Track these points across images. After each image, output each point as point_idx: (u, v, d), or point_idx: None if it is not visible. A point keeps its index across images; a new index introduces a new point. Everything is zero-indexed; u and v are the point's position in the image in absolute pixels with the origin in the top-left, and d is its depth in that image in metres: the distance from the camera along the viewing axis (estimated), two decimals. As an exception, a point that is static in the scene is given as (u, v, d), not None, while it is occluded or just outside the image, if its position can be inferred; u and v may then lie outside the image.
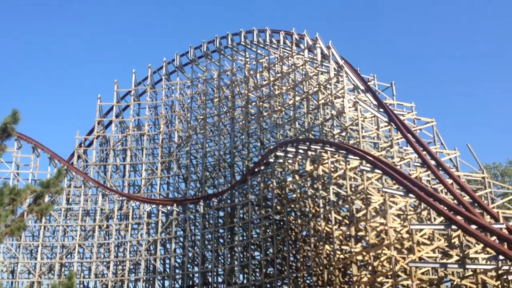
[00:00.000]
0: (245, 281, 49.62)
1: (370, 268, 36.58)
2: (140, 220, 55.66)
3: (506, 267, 30.63)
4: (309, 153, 44.13)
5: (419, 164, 42.01)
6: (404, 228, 36.14)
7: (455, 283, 36.20)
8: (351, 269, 38.04)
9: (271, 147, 53.19)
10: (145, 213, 54.78)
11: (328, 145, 42.76)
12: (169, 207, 54.17)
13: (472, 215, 34.69)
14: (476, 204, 39.18)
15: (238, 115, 59.72)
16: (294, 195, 46.95)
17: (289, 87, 54.00)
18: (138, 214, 56.15)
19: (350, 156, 39.99)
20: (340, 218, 42.37)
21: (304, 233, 45.75)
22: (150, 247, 55.15)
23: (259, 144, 56.12)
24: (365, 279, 36.63)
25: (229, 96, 61.04)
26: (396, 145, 44.60)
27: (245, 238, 50.13)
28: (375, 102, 46.24)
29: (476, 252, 34.95)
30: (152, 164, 61.45)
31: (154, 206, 55.54)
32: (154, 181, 61.06)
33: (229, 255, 51.54)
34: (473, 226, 33.22)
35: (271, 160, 48.20)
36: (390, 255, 34.15)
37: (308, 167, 44.25)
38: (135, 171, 62.59)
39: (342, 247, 40.12)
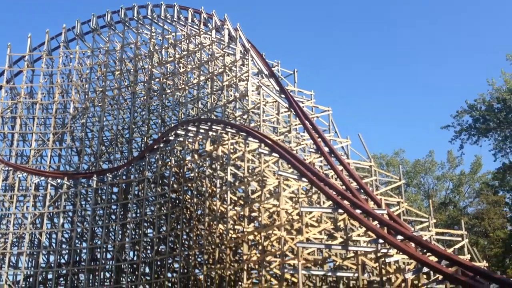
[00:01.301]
0: (135, 258, 48.91)
1: (260, 247, 37.59)
2: (27, 192, 52.80)
3: (385, 250, 32.88)
4: (210, 133, 44.23)
5: (313, 150, 43.67)
6: (295, 210, 37.49)
7: (337, 263, 38.24)
8: (242, 248, 38.85)
9: (172, 125, 52.62)
10: (33, 185, 51.99)
11: (229, 127, 43.12)
12: (59, 180, 51.84)
13: (357, 201, 36.76)
14: (362, 191, 41.60)
15: (140, 90, 58.33)
16: (192, 174, 46.90)
17: (194, 66, 53.57)
18: (25, 186, 53.17)
19: (250, 139, 40.65)
20: (236, 198, 43.03)
21: (199, 212, 45.92)
22: (36, 220, 52.50)
23: (159, 121, 55.27)
24: (254, 258, 37.64)
25: (132, 70, 59.37)
26: (294, 130, 46.00)
27: (138, 215, 49.33)
28: (277, 88, 47.29)
29: (358, 235, 37.09)
30: (44, 134, 58.36)
31: (43, 178, 52.83)
32: (44, 152, 58.03)
33: (120, 232, 50.50)
34: (358, 211, 35.25)
35: (171, 138, 47.72)
36: (280, 236, 35.28)
37: (208, 147, 44.35)
38: (24, 141, 59.12)
39: (235, 226, 40.84)
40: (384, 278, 33.31)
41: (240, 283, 38.66)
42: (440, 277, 30.39)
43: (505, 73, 50.84)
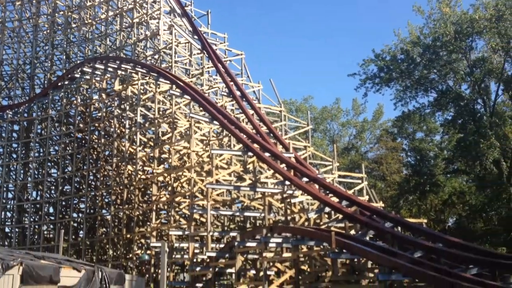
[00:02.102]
0: (38, 198, 47.32)
1: (169, 188, 37.79)
2: None
3: (290, 192, 34.28)
4: (119, 72, 42.77)
5: (225, 94, 43.79)
6: (206, 152, 37.83)
7: (245, 204, 39.43)
8: (151, 189, 38.83)
9: (78, 61, 50.15)
10: None
11: (139, 66, 41.90)
12: (-47, 116, 48.23)
13: (267, 144, 37.71)
14: (272, 135, 42.67)
15: (43, 23, 54.55)
16: (100, 114, 45.46)
17: (102, 0, 50.78)
18: None
19: (161, 80, 39.86)
20: (145, 140, 42.48)
21: (107, 153, 44.92)
22: None
23: (64, 57, 52.32)
24: (163, 199, 37.82)
25: (34, 1, 55.17)
26: (207, 73, 45.62)
27: (41, 154, 47.36)
28: (190, 29, 46.27)
29: (266, 177, 38.28)
30: None
31: None
32: None
33: (22, 171, 48.39)
34: (267, 154, 36.25)
35: (77, 75, 45.61)
36: (190, 177, 35.60)
37: (117, 86, 43.00)
38: None
39: (145, 168, 40.55)
40: (289, 218, 34.88)
41: (148, 223, 38.84)
42: (340, 216, 32.39)
43: (411, 25, 53.10)
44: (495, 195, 43.47)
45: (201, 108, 39.98)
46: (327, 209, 33.60)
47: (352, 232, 31.05)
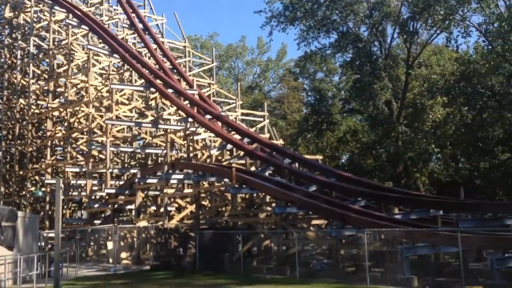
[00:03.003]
0: None
1: (66, 124, 36.33)
2: None
3: (193, 129, 34.36)
4: (8, -3, 39.45)
5: (127, 26, 42.01)
6: (105, 87, 36.51)
7: (147, 141, 39.01)
8: (45, 124, 37.10)
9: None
10: None
11: (31, -9, 38.84)
12: None
13: (170, 80, 37.14)
14: (175, 71, 41.97)
15: None
16: (-13, 43, 41.95)
17: None
18: None
19: (56, 8, 37.35)
20: (39, 72, 40.09)
21: (-4, 85, 41.93)
22: None
23: None
24: (59, 135, 36.38)
25: None
26: (106, 3, 43.31)
27: None
28: (87, -47, 43.23)
29: (169, 114, 37.96)
30: None
31: None
32: None
33: None
34: (170, 90, 35.78)
35: (-41, -2, 41.41)
36: (88, 112, 34.40)
37: (8, 13, 39.77)
38: None
39: (38, 102, 38.52)
40: (191, 155, 35.14)
41: (43, 159, 37.31)
42: (242, 153, 33.21)
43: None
44: (385, 134, 46.39)
45: (100, 40, 38.20)
46: (229, 146, 34.26)
47: (253, 168, 32.06)
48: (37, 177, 38.39)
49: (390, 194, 27.03)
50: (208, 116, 35.58)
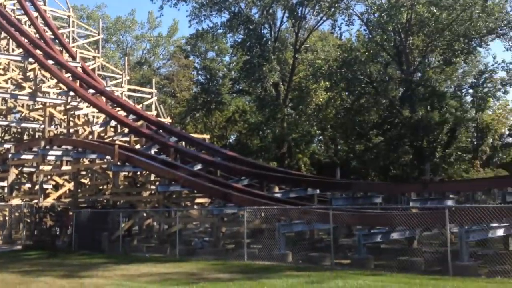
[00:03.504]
0: None
1: None
2: None
3: (75, 103, 32.82)
4: None
5: (3, -10, 38.89)
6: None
7: (23, 114, 36.64)
8: None
9: None
10: None
11: None
12: None
13: (51, 51, 35.10)
14: (58, 41, 39.70)
15: None
16: None
17: None
18: None
19: None
20: None
21: None
22: None
23: None
24: None
25: None
26: (-21, -37, 39.58)
27: None
28: None
29: (49, 86, 35.88)
30: None
31: None
32: None
33: None
34: (50, 62, 33.81)
35: None
36: (-44, 81, 31.55)
37: None
38: None
39: None
40: (72, 130, 33.60)
41: None
42: (126, 130, 32.37)
43: None
44: (271, 115, 47.66)
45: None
46: (113, 123, 33.22)
47: (138, 146, 31.40)
48: None
49: (272, 174, 27.99)
50: (91, 91, 34.21)
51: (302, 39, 49.27)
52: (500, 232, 16.95)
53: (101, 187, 29.36)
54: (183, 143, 32.71)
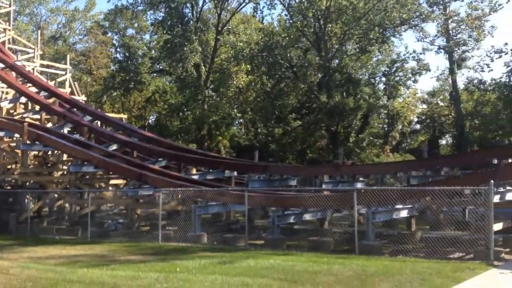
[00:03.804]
0: None
1: None
2: None
3: (-20, 77, 30.85)
4: None
5: None
6: None
7: None
8: None
9: None
10: None
11: None
12: None
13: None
14: (-40, 10, 36.88)
15: None
16: None
17: None
18: None
19: None
20: None
21: None
22: None
23: None
24: None
25: None
26: None
27: None
28: None
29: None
30: None
31: None
32: None
33: None
34: (-48, 31, 31.39)
35: None
36: None
37: None
38: None
39: None
40: (-23, 106, 31.55)
41: None
42: (37, 107, 30.86)
43: None
44: (192, 96, 47.22)
45: None
46: (23, 99, 31.55)
47: (50, 124, 30.05)
48: None
49: (190, 155, 27.85)
50: (0, 65, 32.31)
51: (224, 21, 49.00)
52: (404, 214, 17.91)
53: (9, 167, 27.87)
54: (99, 122, 31.69)
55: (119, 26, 60.01)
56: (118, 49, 61.04)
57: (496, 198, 15.13)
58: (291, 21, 45.99)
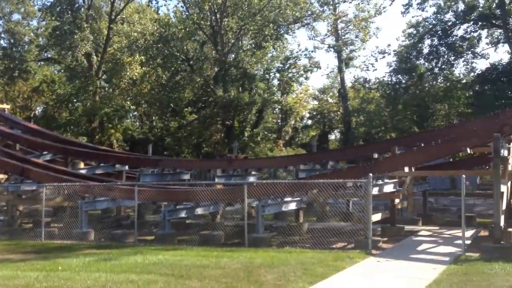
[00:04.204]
0: None
1: None
2: None
3: None
4: None
5: None
6: None
7: None
8: None
9: None
10: None
11: None
12: None
13: None
14: None
15: None
16: None
17: None
18: None
19: None
20: None
21: None
22: None
23: None
24: None
25: None
26: None
27: None
28: None
29: None
30: None
31: None
32: None
33: None
34: None
35: None
36: None
37: None
38: None
39: None
40: None
41: None
42: None
43: None
44: (82, 87, 45.15)
45: None
46: None
47: None
48: None
49: (79, 149, 26.67)
50: None
51: (118, 9, 47.36)
52: (293, 206, 18.51)
53: None
54: (-23, 113, 29.39)
55: (4, 11, 55.82)
56: (2, 35, 56.72)
57: (375, 190, 16.11)
58: (187, 13, 45.58)
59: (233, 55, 44.97)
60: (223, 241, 16.45)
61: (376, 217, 16.62)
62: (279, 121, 54.04)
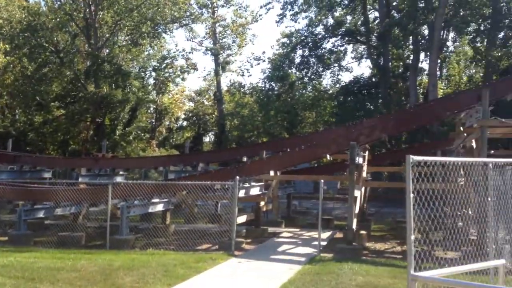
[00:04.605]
0: None
1: None
2: None
3: None
4: None
5: None
6: None
7: None
8: None
9: None
10: None
11: None
12: None
13: None
14: None
15: None
16: None
17: None
18: None
19: None
20: None
21: None
22: None
23: None
24: None
25: None
26: None
27: None
28: None
29: None
30: None
31: None
32: None
33: None
34: None
35: None
36: None
37: None
38: None
39: None
40: None
41: None
42: None
43: None
44: None
45: None
46: None
47: None
48: None
49: None
50: None
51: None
52: (160, 207, 18.32)
53: None
54: None
55: None
56: None
57: (241, 193, 16.49)
58: (59, 2, 43.15)
59: (107, 50, 43.43)
60: (83, 243, 15.79)
61: (241, 219, 17.00)
62: (153, 121, 53.18)
